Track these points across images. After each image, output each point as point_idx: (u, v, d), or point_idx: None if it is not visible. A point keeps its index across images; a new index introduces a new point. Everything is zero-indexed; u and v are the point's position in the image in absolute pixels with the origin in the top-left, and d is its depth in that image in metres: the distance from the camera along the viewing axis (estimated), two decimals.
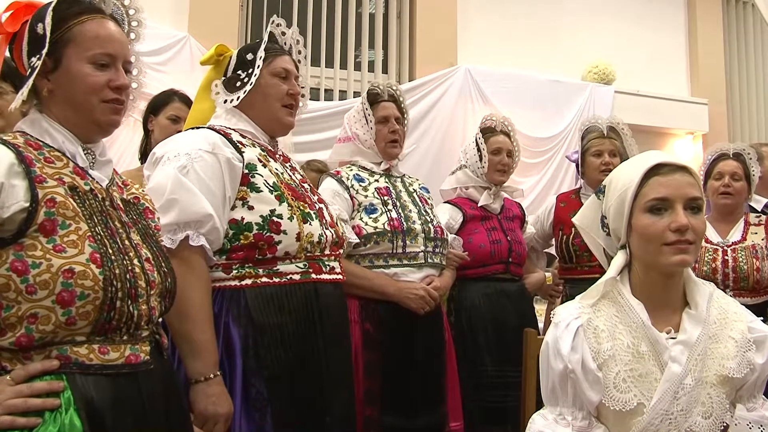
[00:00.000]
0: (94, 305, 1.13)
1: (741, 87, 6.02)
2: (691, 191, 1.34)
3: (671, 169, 1.35)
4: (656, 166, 1.36)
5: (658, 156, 1.39)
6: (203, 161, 1.63)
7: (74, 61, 1.24)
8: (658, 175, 1.35)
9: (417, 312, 2.22)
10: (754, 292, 2.68)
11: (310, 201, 1.79)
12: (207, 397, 1.52)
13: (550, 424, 1.36)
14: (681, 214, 1.31)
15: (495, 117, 2.86)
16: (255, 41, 1.88)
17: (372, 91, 2.49)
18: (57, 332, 1.11)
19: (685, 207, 1.33)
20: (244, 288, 1.64)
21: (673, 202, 1.32)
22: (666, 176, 1.34)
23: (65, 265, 1.11)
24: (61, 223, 1.14)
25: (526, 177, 4.61)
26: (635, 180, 1.36)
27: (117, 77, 1.27)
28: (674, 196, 1.33)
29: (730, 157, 2.78)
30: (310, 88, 4.60)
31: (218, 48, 1.90)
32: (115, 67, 1.27)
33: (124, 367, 1.18)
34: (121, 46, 1.29)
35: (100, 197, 1.24)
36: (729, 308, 1.41)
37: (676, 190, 1.33)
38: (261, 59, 1.80)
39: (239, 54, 1.86)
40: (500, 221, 2.73)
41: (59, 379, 1.11)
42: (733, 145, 2.86)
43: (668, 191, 1.33)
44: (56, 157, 1.21)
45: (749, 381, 1.35)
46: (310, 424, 1.67)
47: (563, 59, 5.16)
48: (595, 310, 1.39)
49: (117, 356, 1.17)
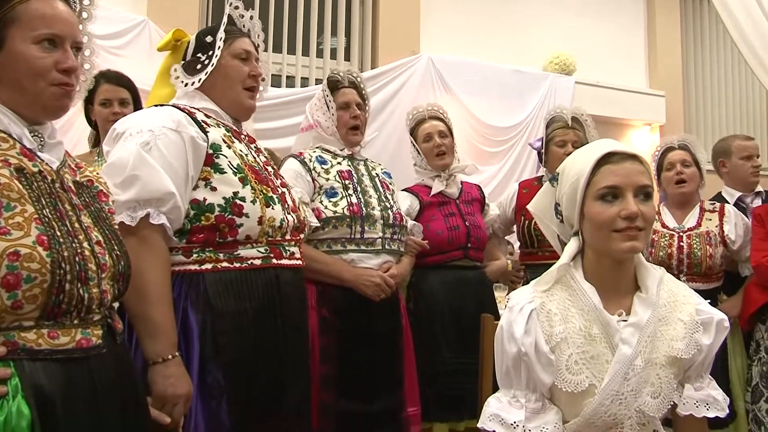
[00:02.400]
0: (41, 288, 1.10)
1: (697, 80, 6.15)
2: (641, 179, 1.36)
3: (622, 157, 1.37)
4: (607, 155, 1.38)
5: (609, 145, 1.41)
6: (167, 138, 1.61)
7: (18, 42, 1.19)
8: (609, 163, 1.37)
9: (373, 299, 2.23)
10: (706, 278, 2.75)
11: (273, 185, 1.78)
12: (165, 378, 1.50)
13: (504, 406, 1.38)
14: (631, 202, 1.34)
15: (419, 108, 2.89)
16: (213, 24, 1.85)
17: (332, 78, 2.49)
18: (3, 317, 1.08)
19: (635, 194, 1.35)
20: (203, 272, 1.63)
21: (624, 189, 1.35)
22: (617, 165, 1.37)
23: (10, 247, 1.08)
24: (5, 205, 1.11)
25: (488, 165, 4.64)
26: (587, 168, 1.38)
27: (65, 59, 1.22)
28: (624, 184, 1.35)
29: (676, 147, 2.87)
30: (272, 74, 4.56)
31: (175, 33, 1.87)
32: (63, 48, 1.23)
33: (74, 351, 1.15)
34: (69, 25, 1.24)
35: (50, 179, 1.21)
36: (678, 291, 1.44)
37: (626, 178, 1.35)
38: (221, 40, 1.78)
39: (198, 37, 1.84)
40: (458, 206, 2.75)
41: (6, 366, 1.08)
42: (676, 137, 2.95)
43: (619, 179, 1.35)
44: (2, 139, 1.18)
45: (696, 361, 1.39)
46: (266, 411, 1.66)
47: (525, 50, 5.19)
48: (548, 295, 1.41)
49: (67, 340, 1.15)
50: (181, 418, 1.53)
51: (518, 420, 1.35)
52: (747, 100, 6.34)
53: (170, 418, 1.47)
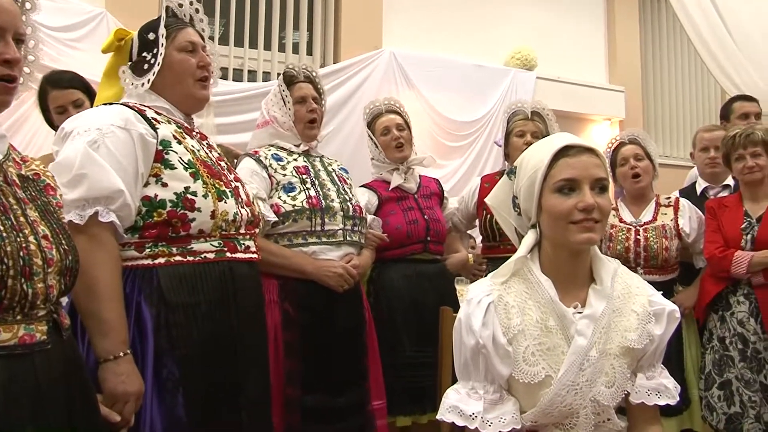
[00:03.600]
0: None
1: (656, 76, 6.27)
2: (598, 172, 1.38)
3: (579, 150, 1.39)
4: (564, 148, 1.39)
5: (566, 138, 1.42)
6: (115, 136, 1.59)
7: None
8: (567, 156, 1.38)
9: (336, 290, 2.23)
10: (662, 270, 2.81)
11: (226, 179, 1.77)
12: (116, 376, 1.48)
13: (462, 398, 1.39)
14: (588, 194, 1.35)
15: (376, 102, 2.90)
16: (153, 19, 1.82)
17: (288, 73, 2.48)
18: None
19: (592, 187, 1.37)
20: (156, 267, 1.61)
21: (581, 182, 1.36)
22: (574, 158, 1.38)
23: None
24: None
25: (450, 160, 4.67)
26: (545, 161, 1.39)
27: (6, 50, 1.18)
28: (581, 177, 1.36)
29: (627, 142, 2.93)
30: (233, 68, 4.52)
31: (117, 33, 1.84)
32: (4, 39, 1.18)
33: (17, 347, 1.12)
34: (9, 15, 1.20)
35: None
36: (632, 283, 1.47)
37: (583, 171, 1.37)
38: (163, 36, 1.76)
39: (140, 35, 1.81)
40: (417, 200, 2.76)
41: None
42: (626, 132, 3.01)
43: (576, 172, 1.37)
44: None
45: (649, 351, 1.42)
46: (223, 405, 1.65)
47: (487, 45, 5.23)
48: (505, 287, 1.42)
49: (9, 337, 1.12)
50: (132, 417, 1.51)
51: (476, 411, 1.36)
52: (703, 95, 6.50)
53: (120, 416, 1.46)
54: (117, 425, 1.45)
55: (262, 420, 1.79)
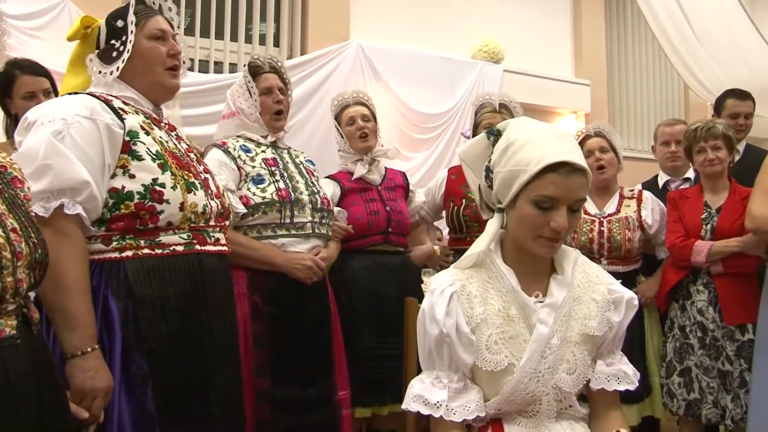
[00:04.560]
0: None
1: (620, 70, 6.36)
2: (580, 193, 1.34)
3: (570, 170, 1.32)
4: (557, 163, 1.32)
5: (563, 152, 1.32)
6: (80, 127, 1.56)
7: None
8: (555, 173, 1.31)
9: (305, 282, 2.23)
10: (625, 261, 2.87)
11: (195, 170, 1.75)
12: (84, 371, 1.46)
13: (427, 387, 1.41)
14: (563, 216, 1.33)
15: (344, 94, 2.91)
16: (122, 6, 1.79)
17: (253, 63, 2.47)
18: None
19: (570, 207, 1.34)
20: (124, 260, 1.59)
21: (560, 202, 1.33)
22: (562, 177, 1.31)
23: None
24: None
25: (418, 152, 4.68)
26: (532, 169, 1.32)
27: None
28: (563, 198, 1.33)
29: (593, 135, 2.98)
30: (200, 60, 4.47)
31: (83, 20, 1.81)
32: None
33: None
34: None
35: None
36: (592, 272, 1.50)
37: (567, 192, 1.32)
38: (133, 24, 1.73)
39: (108, 22, 1.78)
40: (380, 192, 2.77)
41: None
42: (592, 125, 3.06)
43: (559, 192, 1.32)
44: None
45: (608, 338, 1.45)
46: (193, 398, 1.64)
47: (454, 37, 5.25)
48: (468, 277, 1.43)
49: None
50: (101, 413, 1.49)
51: (441, 400, 1.38)
52: (667, 89, 6.61)
53: (89, 412, 1.44)
54: (85, 422, 1.43)
55: (234, 413, 1.78)
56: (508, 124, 1.45)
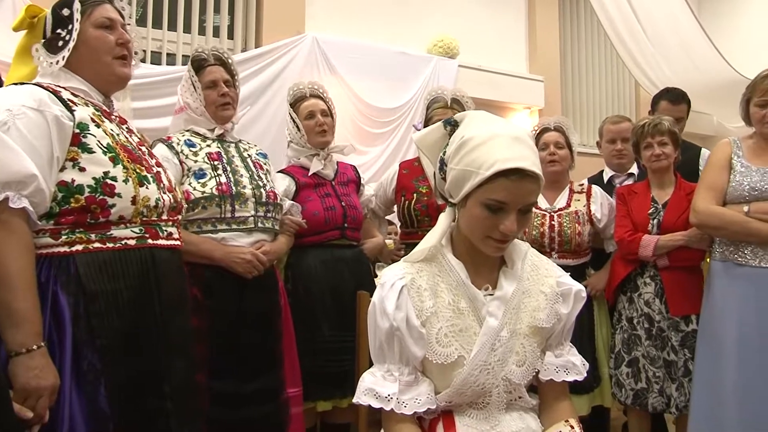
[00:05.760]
0: None
1: (573, 66, 6.47)
2: (530, 198, 1.35)
3: (522, 176, 1.30)
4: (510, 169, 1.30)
5: (516, 158, 1.31)
6: (27, 118, 1.51)
7: None
8: (507, 178, 1.30)
9: (244, 276, 2.21)
10: (575, 254, 2.91)
11: (148, 164, 1.73)
12: (29, 370, 1.41)
13: (378, 380, 1.41)
14: (512, 220, 1.33)
15: (301, 84, 2.86)
16: None
17: (197, 57, 2.43)
18: None
19: (520, 210, 1.35)
20: (74, 254, 1.54)
21: (511, 206, 1.33)
22: (514, 183, 1.31)
23: None
24: None
25: (372, 146, 4.69)
26: (483, 174, 1.31)
27: None
28: (513, 203, 1.33)
29: (552, 129, 3.01)
30: (152, 51, 4.38)
31: (29, 9, 1.75)
32: None
33: None
34: None
35: None
36: (541, 265, 1.51)
37: (517, 197, 1.32)
38: (78, 12, 1.69)
39: (54, 11, 1.73)
40: (334, 187, 2.75)
41: None
42: (553, 118, 3.09)
43: (510, 197, 1.32)
44: None
45: (557, 330, 1.47)
46: (147, 394, 1.61)
47: (410, 32, 5.26)
48: (418, 270, 1.44)
49: None
50: (46, 413, 1.44)
51: (392, 393, 1.38)
52: (618, 86, 6.75)
53: (33, 412, 1.40)
54: (30, 422, 1.39)
55: (188, 407, 1.75)
56: (465, 116, 1.45)
